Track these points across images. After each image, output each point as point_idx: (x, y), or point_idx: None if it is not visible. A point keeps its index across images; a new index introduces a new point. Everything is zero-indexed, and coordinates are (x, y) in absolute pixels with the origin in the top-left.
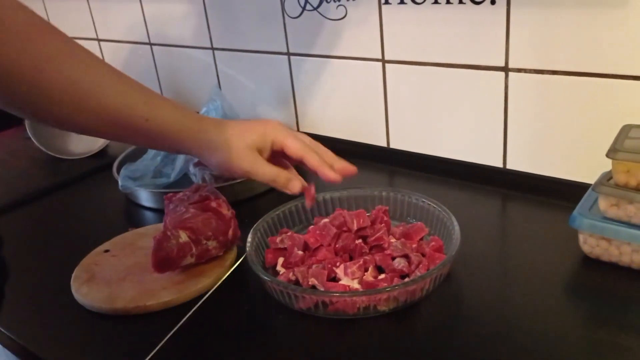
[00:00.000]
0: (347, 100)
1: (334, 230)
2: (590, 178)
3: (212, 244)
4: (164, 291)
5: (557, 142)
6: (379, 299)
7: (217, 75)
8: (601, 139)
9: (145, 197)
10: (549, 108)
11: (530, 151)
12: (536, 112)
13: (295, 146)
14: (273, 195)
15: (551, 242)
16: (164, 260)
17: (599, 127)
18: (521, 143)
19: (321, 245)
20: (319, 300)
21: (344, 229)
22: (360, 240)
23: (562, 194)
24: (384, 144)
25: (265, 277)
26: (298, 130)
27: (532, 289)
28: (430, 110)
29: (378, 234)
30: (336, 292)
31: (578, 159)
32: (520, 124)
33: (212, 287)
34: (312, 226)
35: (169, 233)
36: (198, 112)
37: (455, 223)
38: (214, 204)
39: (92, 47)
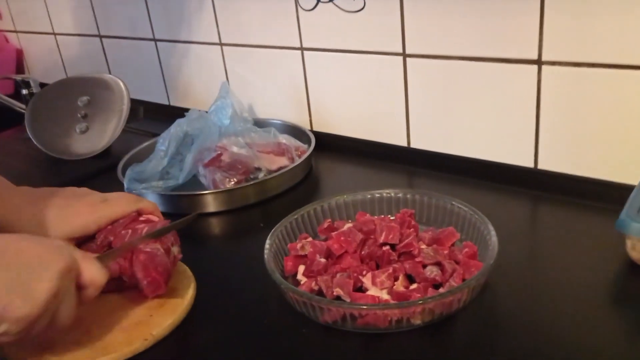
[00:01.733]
0: (365, 98)
1: (360, 236)
2: (633, 179)
3: (176, 249)
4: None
5: (595, 140)
6: (413, 312)
7: (226, 73)
8: None
9: (153, 199)
10: (586, 103)
11: (565, 150)
12: (572, 108)
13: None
14: (285, 199)
15: (593, 248)
16: (163, 279)
17: None
18: (555, 141)
19: (346, 252)
20: (346, 313)
21: (371, 236)
22: (387, 247)
23: (601, 196)
24: (404, 144)
25: (287, 288)
26: (312, 128)
27: (574, 300)
28: (454, 107)
29: (407, 240)
30: (366, 305)
31: (619, 159)
32: (554, 121)
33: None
34: (335, 232)
35: (157, 247)
36: (207, 110)
37: (491, 228)
38: (142, 219)
39: (92, 44)
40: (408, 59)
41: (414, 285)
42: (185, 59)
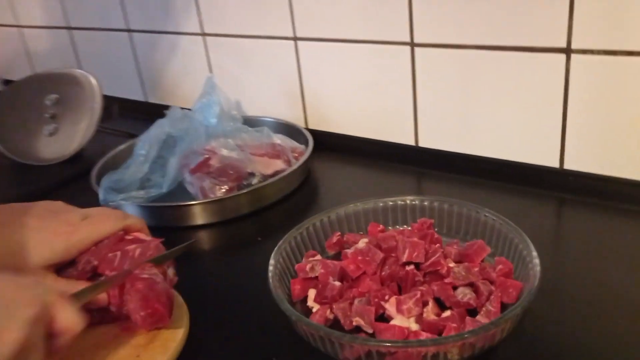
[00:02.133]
0: (368, 92)
1: (380, 255)
2: None
3: (171, 271)
4: None
5: (628, 137)
6: (452, 347)
7: (210, 67)
8: None
9: (133, 212)
10: (619, 96)
11: (595, 148)
12: (603, 102)
13: None
14: (283, 208)
15: (635, 257)
16: (167, 311)
17: None
18: (583, 139)
19: (364, 273)
20: (372, 350)
21: (392, 254)
22: (412, 267)
23: (636, 198)
24: (412, 142)
25: (300, 321)
26: (307, 126)
27: (627, 320)
28: (469, 102)
29: (434, 258)
30: (399, 342)
31: None
32: (583, 116)
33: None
34: (346, 247)
35: (154, 272)
36: (190, 108)
37: (529, 241)
38: (129, 237)
39: (60, 36)
40: (416, 49)
41: (447, 313)
42: (164, 52)
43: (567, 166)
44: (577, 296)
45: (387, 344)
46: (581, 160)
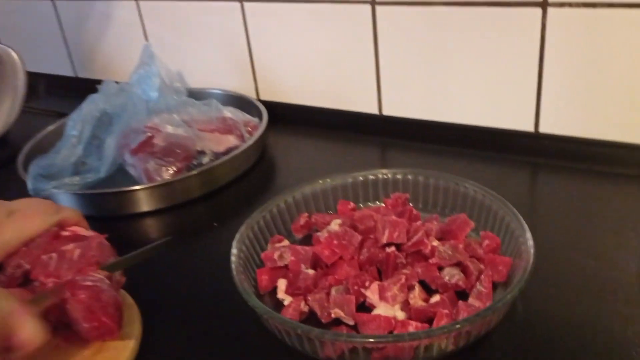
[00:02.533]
0: (325, 58)
1: (358, 237)
2: None
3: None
4: None
5: (609, 96)
6: (446, 337)
7: (145, 35)
8: None
9: (68, 202)
10: (600, 53)
11: (572, 110)
12: (582, 59)
13: None
14: (238, 189)
15: (620, 223)
16: (116, 322)
17: None
18: (559, 100)
19: (340, 258)
20: (358, 347)
21: (371, 236)
22: (393, 248)
23: (623, 161)
24: (375, 111)
25: (273, 319)
26: (259, 97)
27: (612, 286)
28: (436, 64)
29: (417, 237)
30: (390, 337)
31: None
32: (560, 75)
33: None
34: (318, 233)
35: (99, 277)
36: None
37: (517, 213)
38: (66, 234)
39: None
40: (378, 8)
41: (436, 297)
42: (92, 20)
43: (542, 130)
44: (566, 267)
45: (376, 340)
46: (557, 122)
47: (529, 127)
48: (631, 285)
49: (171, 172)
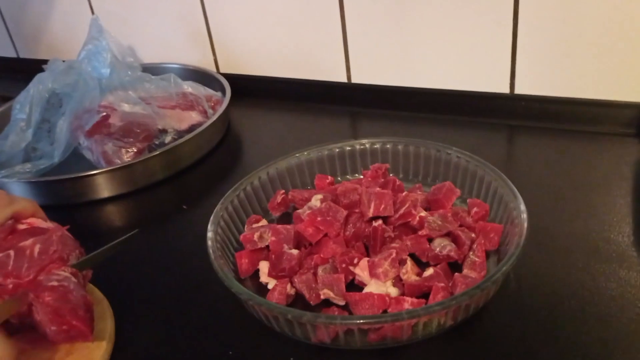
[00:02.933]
0: (288, 25)
1: (344, 212)
2: (634, 95)
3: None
4: None
5: (584, 53)
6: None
7: (91, 8)
8: None
9: (20, 192)
10: (576, 10)
11: (548, 69)
12: (558, 17)
13: None
14: (204, 168)
15: (600, 181)
16: (86, 325)
17: None
18: (535, 60)
19: (325, 236)
20: (354, 328)
21: (356, 210)
22: (379, 222)
23: (601, 119)
24: (344, 79)
25: (259, 305)
26: (219, 70)
27: (617, 256)
28: (406, 28)
29: (404, 209)
30: (387, 316)
31: (615, 74)
32: (536, 34)
33: None
34: (299, 210)
35: (64, 274)
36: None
37: (505, 178)
38: (22, 227)
39: None
40: None
41: (429, 271)
42: None
43: (518, 91)
44: (549, 229)
45: (374, 320)
46: (533, 83)
47: (504, 88)
48: (625, 246)
49: (131, 153)
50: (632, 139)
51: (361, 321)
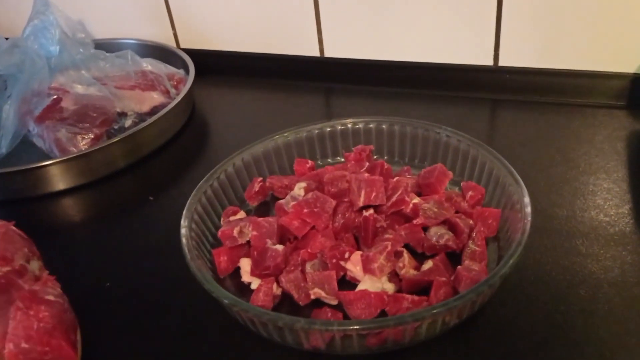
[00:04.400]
0: None
1: (332, 203)
2: (623, 65)
3: (35, 264)
4: None
5: (572, 24)
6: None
7: None
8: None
9: None
10: None
11: (532, 39)
12: None
13: None
14: (169, 155)
15: (610, 159)
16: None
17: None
18: (521, 30)
19: (312, 228)
20: (353, 334)
21: (345, 199)
22: (371, 211)
23: (588, 90)
24: (316, 53)
25: (246, 310)
26: (179, 46)
27: (619, 237)
28: None
29: (396, 196)
30: (389, 320)
31: (605, 44)
32: (521, 3)
33: None
34: (280, 201)
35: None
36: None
37: (501, 157)
38: None
39: None
40: None
41: (428, 264)
42: None
43: (502, 63)
44: (546, 211)
45: (374, 325)
46: (518, 54)
47: (488, 60)
48: (628, 226)
49: (88, 140)
50: (622, 111)
51: (360, 327)
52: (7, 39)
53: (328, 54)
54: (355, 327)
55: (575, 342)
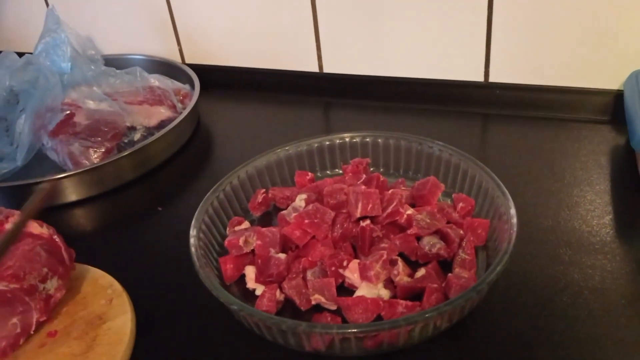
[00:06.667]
0: (257, 12)
1: (332, 214)
2: (608, 82)
3: (52, 284)
4: None
5: (561, 41)
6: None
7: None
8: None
9: None
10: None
11: (522, 57)
12: (532, 4)
13: None
14: (175, 167)
15: (580, 172)
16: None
17: (621, 18)
18: (510, 47)
19: (313, 238)
20: (351, 337)
21: (343, 210)
22: (367, 222)
23: (575, 106)
24: (315, 69)
25: (251, 315)
26: (184, 61)
27: (609, 249)
28: (379, 16)
29: (392, 207)
30: (384, 323)
31: (591, 62)
32: (510, 21)
33: None
34: (282, 212)
35: None
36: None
37: (489, 171)
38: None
39: None
40: None
41: (421, 271)
42: None
43: (492, 79)
44: (534, 221)
45: (371, 328)
46: (508, 71)
47: (478, 77)
48: (608, 236)
49: (100, 153)
50: (606, 125)
51: (358, 330)
52: (19, 54)
53: (327, 69)
54: (353, 330)
55: (557, 345)
